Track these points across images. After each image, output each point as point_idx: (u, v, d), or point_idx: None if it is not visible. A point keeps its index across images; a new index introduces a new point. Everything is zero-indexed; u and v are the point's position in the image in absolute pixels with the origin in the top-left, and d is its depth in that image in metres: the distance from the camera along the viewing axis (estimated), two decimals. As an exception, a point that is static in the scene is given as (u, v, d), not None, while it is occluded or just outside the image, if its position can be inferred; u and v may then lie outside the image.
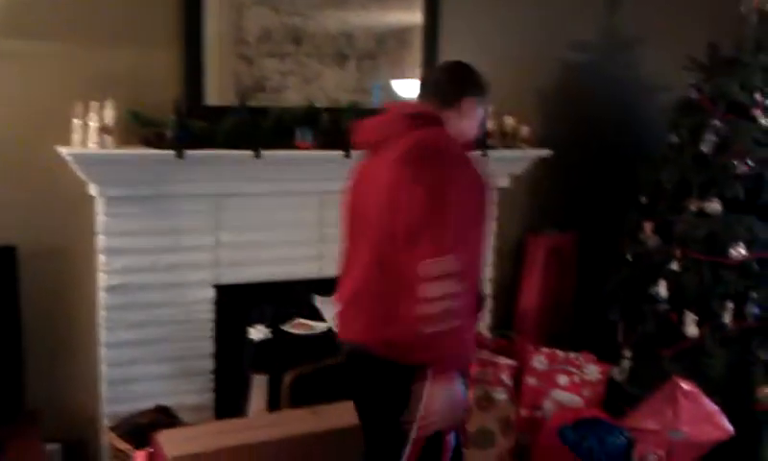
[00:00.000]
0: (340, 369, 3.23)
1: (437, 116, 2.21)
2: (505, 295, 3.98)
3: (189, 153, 3.03)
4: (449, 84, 2.27)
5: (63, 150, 2.93)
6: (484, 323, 3.78)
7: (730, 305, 3.20)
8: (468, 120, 2.26)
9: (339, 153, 3.29)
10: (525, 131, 3.75)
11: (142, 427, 2.92)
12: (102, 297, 3.14)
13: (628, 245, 3.62)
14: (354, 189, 2.32)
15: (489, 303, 3.84)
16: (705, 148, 3.38)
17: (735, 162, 3.29)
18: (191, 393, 3.28)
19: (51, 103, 3.00)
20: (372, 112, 3.39)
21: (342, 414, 2.74)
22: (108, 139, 2.95)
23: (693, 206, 3.39)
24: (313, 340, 3.29)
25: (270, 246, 3.38)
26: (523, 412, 3.25)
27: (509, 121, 3.73)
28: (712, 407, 2.91)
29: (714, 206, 3.32)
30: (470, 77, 2.29)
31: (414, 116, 2.21)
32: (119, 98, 2.99)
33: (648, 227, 3.56)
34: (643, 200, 3.66)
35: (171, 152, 3.01)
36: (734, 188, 3.27)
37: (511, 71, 3.71)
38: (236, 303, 3.37)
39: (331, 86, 3.53)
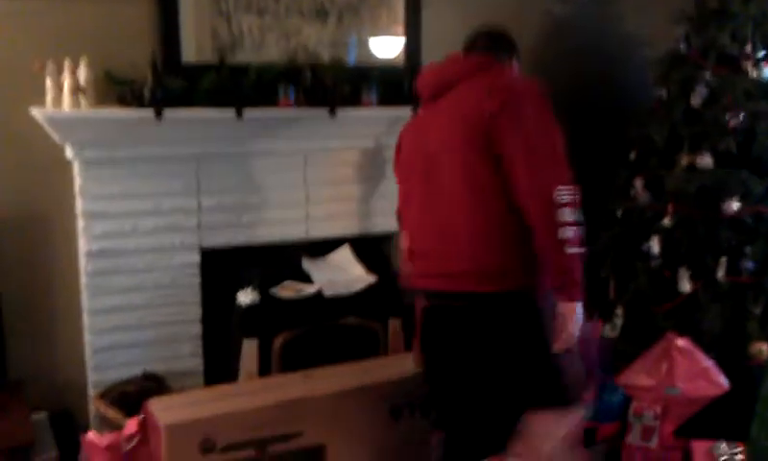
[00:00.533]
0: (330, 331, 3.23)
1: (501, 63, 2.43)
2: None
3: (168, 113, 2.95)
4: (502, 42, 2.53)
5: (37, 112, 2.83)
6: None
7: (723, 260, 3.17)
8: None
9: (323, 110, 3.22)
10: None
11: (131, 395, 2.87)
12: (83, 263, 3.06)
13: (618, 202, 3.58)
14: (420, 138, 2.43)
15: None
16: (695, 101, 3.33)
17: (727, 115, 3.24)
18: (179, 359, 3.22)
19: (21, 63, 2.89)
20: (354, 70, 3.40)
21: (334, 377, 2.71)
22: (84, 99, 2.86)
23: (684, 161, 3.34)
24: (302, 303, 3.24)
25: (255, 208, 3.30)
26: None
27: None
28: (707, 363, 2.90)
29: (706, 160, 3.28)
30: (515, 43, 2.58)
31: (481, 62, 2.39)
32: (93, 57, 2.89)
33: (639, 183, 3.51)
34: (633, 156, 3.61)
35: (149, 112, 2.93)
36: (726, 142, 3.22)
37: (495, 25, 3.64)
38: (223, 266, 3.31)
39: (312, 42, 3.44)
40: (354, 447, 2.61)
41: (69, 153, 2.97)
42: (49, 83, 2.84)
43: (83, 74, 2.86)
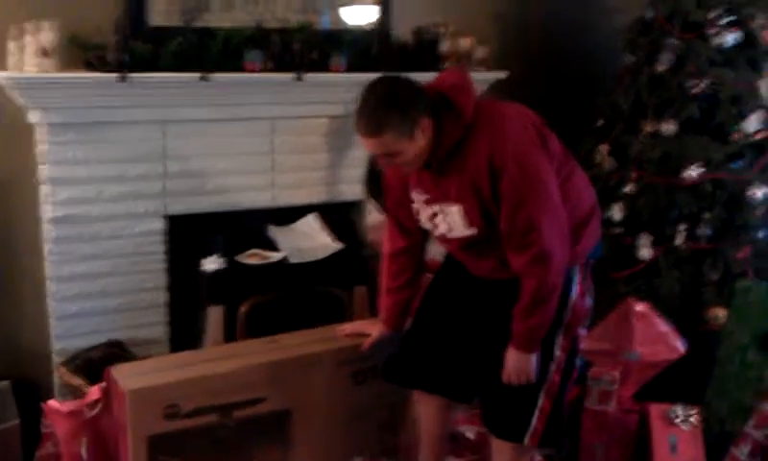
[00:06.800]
0: (296, 298, 3.24)
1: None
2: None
3: (133, 76, 2.92)
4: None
5: (-1, 73, 2.79)
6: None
7: (682, 227, 3.22)
8: None
9: (290, 75, 3.20)
10: (481, 52, 3.66)
11: (94, 362, 2.87)
12: (47, 229, 3.04)
13: (584, 168, 3.60)
14: None
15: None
16: (661, 68, 3.35)
17: (690, 82, 3.27)
18: (144, 326, 3.22)
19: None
20: (323, 34, 3.37)
21: (298, 343, 2.72)
22: (47, 62, 2.82)
23: (649, 128, 3.37)
24: (268, 270, 3.24)
25: (220, 174, 3.29)
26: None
27: (464, 42, 3.64)
28: (666, 327, 2.95)
29: (669, 126, 3.31)
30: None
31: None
32: (57, 19, 2.84)
33: (603, 149, 3.54)
34: (599, 122, 3.63)
35: (113, 75, 2.89)
36: (690, 109, 3.26)
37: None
38: (188, 233, 3.29)
39: (280, 7, 3.39)
40: (318, 411, 2.63)
41: (32, 117, 2.94)
42: (12, 46, 2.80)
43: (47, 37, 2.81)
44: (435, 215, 2.30)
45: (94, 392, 2.52)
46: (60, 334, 3.09)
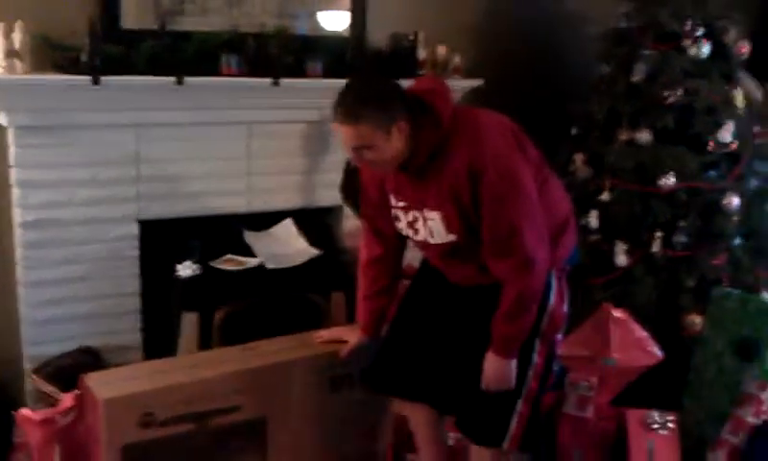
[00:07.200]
0: (272, 305, 3.21)
1: None
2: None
3: (106, 79, 2.88)
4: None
5: (-33, 76, 2.74)
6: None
7: (658, 235, 3.25)
8: None
9: (267, 80, 3.18)
10: (457, 60, 3.68)
11: (67, 369, 2.82)
12: (18, 234, 2.98)
13: (559, 177, 3.62)
14: None
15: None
16: (636, 78, 3.39)
17: (666, 92, 3.30)
18: (117, 333, 3.18)
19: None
20: (300, 39, 3.36)
21: (274, 350, 2.69)
22: (18, 64, 2.77)
23: (624, 137, 3.41)
24: (244, 276, 3.21)
25: (195, 179, 3.26)
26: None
27: (441, 50, 3.65)
28: (642, 333, 2.96)
29: (645, 136, 3.35)
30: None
31: None
32: (29, 21, 2.79)
33: (579, 158, 3.56)
34: (574, 131, 3.66)
35: (86, 77, 2.85)
36: (665, 118, 3.30)
37: (442, -1, 3.64)
38: (163, 239, 3.25)
39: (257, 10, 3.37)
40: (295, 419, 2.60)
41: (2, 119, 2.89)
42: (-19, 47, 2.75)
43: (18, 38, 2.77)
44: (415, 221, 2.29)
45: (67, 400, 2.46)
46: (32, 341, 3.03)
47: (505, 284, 2.20)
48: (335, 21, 3.55)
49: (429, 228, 2.26)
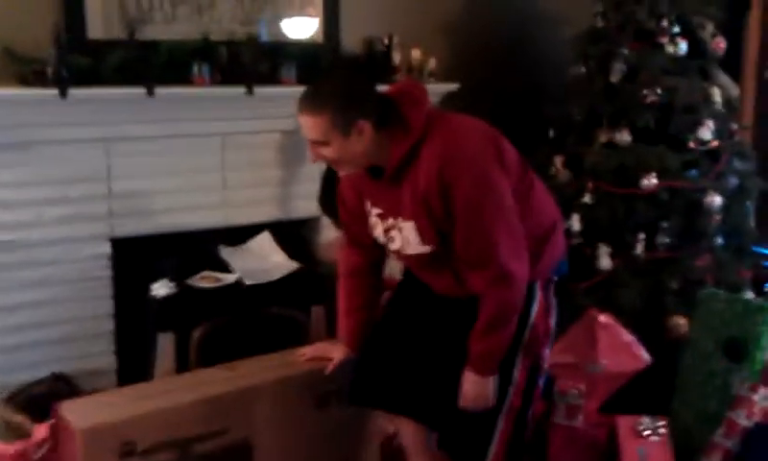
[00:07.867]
0: (251, 321, 3.14)
1: None
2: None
3: (73, 91, 2.82)
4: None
5: (-74, 92, 2.65)
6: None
7: (641, 236, 3.24)
8: None
9: (240, 90, 3.12)
10: (432, 63, 3.64)
11: (39, 398, 2.74)
12: (-16, 256, 2.89)
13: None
14: None
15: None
16: (614, 78, 3.37)
17: (645, 91, 3.28)
18: (90, 357, 3.10)
19: None
20: (272, 46, 3.29)
21: (257, 369, 2.62)
22: (-20, 79, 2.68)
23: (603, 138, 3.39)
24: (221, 293, 3.14)
25: (169, 194, 3.19)
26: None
27: (416, 54, 3.61)
28: (629, 338, 2.95)
29: (624, 136, 3.33)
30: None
31: None
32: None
33: (558, 160, 3.54)
34: (552, 133, 3.63)
35: (52, 91, 2.79)
36: (644, 118, 3.28)
37: (416, 1, 3.64)
38: (136, 257, 3.18)
39: (226, 18, 3.32)
40: (282, 439, 2.53)
41: (-35, 136, 2.80)
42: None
43: (-22, 51, 2.70)
44: (390, 229, 2.23)
45: (41, 431, 2.38)
46: (1, 368, 2.93)
47: (481, 298, 2.13)
48: (305, 27, 3.50)
49: (404, 238, 2.19)
